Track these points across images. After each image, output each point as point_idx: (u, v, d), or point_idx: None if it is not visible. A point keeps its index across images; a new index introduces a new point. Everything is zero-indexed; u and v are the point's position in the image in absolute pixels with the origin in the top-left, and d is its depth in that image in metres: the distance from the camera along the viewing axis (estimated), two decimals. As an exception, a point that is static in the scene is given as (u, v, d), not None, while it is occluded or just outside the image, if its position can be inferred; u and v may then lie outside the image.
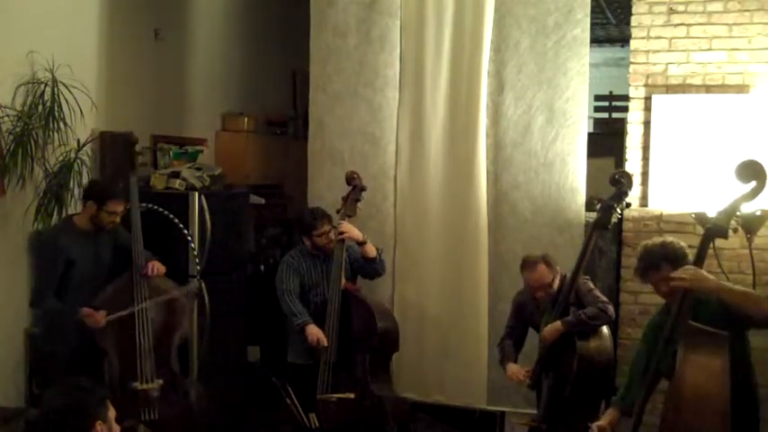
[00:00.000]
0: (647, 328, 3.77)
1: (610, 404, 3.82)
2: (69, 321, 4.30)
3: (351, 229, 4.69)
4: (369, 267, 4.79)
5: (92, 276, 4.46)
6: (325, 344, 4.51)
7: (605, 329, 4.13)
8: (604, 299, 4.13)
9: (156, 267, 4.48)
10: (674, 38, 4.75)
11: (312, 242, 4.74)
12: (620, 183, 4.08)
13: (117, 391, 4.21)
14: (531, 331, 4.41)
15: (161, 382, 4.34)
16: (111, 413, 2.84)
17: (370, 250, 4.73)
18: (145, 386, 4.28)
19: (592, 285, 4.22)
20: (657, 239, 3.69)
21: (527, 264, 4.20)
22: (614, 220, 4.11)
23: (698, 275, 3.29)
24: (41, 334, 4.49)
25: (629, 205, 4.23)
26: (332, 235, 4.69)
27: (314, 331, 4.54)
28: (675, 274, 3.35)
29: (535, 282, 4.17)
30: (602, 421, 3.72)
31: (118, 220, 4.45)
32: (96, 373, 4.24)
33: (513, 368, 4.29)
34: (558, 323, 4.04)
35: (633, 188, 4.75)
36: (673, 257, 3.51)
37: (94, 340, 4.31)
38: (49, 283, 4.33)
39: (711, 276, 3.37)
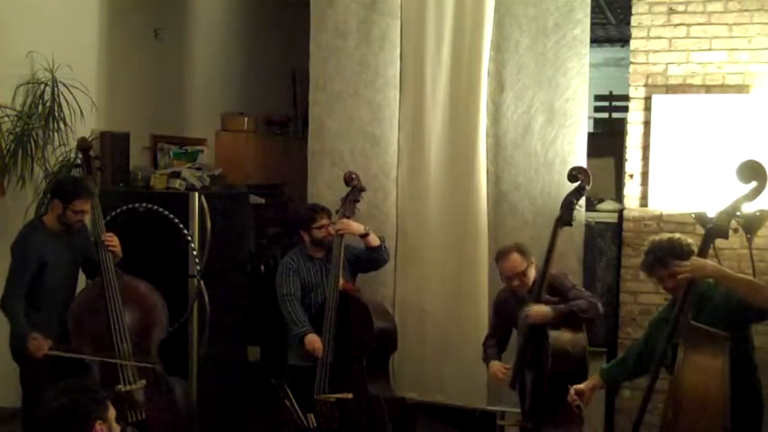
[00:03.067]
0: (653, 319, 3.85)
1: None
2: (50, 328, 4.26)
3: (348, 224, 4.68)
4: (374, 256, 4.78)
5: (68, 279, 4.44)
6: (321, 354, 4.52)
7: None
8: (589, 294, 4.16)
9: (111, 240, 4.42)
10: (674, 38, 4.74)
11: (311, 236, 4.74)
12: (578, 179, 4.14)
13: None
14: (513, 331, 4.41)
15: (144, 381, 4.30)
16: (111, 413, 2.83)
17: (373, 240, 4.73)
18: (128, 387, 4.24)
19: (573, 282, 4.25)
20: (665, 235, 3.75)
21: (500, 253, 4.24)
22: (576, 215, 4.17)
23: (698, 264, 3.38)
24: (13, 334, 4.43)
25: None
26: (331, 229, 4.71)
27: (312, 340, 4.54)
28: (678, 267, 3.41)
29: (509, 270, 4.18)
30: (582, 385, 3.80)
31: (84, 218, 4.39)
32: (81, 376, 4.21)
33: (495, 365, 4.30)
34: (545, 308, 4.02)
35: (633, 188, 4.79)
36: (680, 253, 3.56)
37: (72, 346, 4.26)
38: (19, 283, 4.25)
39: (712, 263, 3.45)
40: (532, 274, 4.18)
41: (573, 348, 4.01)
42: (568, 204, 4.13)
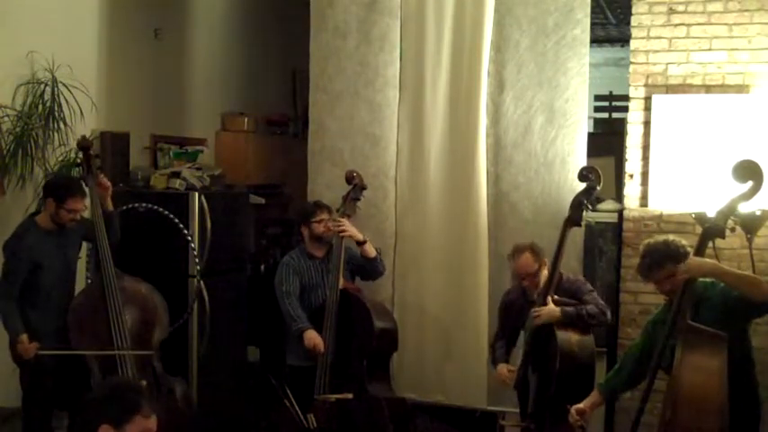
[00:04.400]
0: (649, 322, 3.83)
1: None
2: (46, 328, 4.27)
3: (350, 227, 4.70)
4: (369, 267, 4.80)
5: (63, 278, 4.42)
6: (322, 350, 4.51)
7: None
8: (603, 302, 4.17)
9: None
10: (674, 38, 4.74)
11: (310, 230, 4.75)
12: (589, 178, 4.12)
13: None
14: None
15: (144, 383, 4.29)
16: (133, 427, 2.73)
17: (370, 250, 4.75)
18: None
19: (591, 287, 4.26)
20: (660, 238, 3.74)
21: (514, 252, 4.25)
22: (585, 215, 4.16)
23: (696, 262, 3.39)
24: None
25: (599, 200, 4.25)
26: (330, 224, 4.71)
27: (312, 336, 4.53)
28: (679, 269, 3.41)
29: (520, 269, 4.20)
30: (582, 404, 3.78)
31: (78, 217, 4.37)
32: (83, 379, 4.21)
33: (501, 368, 4.32)
34: (556, 309, 4.05)
35: (633, 188, 4.79)
36: (675, 255, 3.55)
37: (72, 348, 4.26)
38: (11, 284, 4.24)
39: (710, 261, 3.45)
40: (544, 275, 4.18)
41: (580, 350, 4.03)
42: (578, 204, 4.11)
